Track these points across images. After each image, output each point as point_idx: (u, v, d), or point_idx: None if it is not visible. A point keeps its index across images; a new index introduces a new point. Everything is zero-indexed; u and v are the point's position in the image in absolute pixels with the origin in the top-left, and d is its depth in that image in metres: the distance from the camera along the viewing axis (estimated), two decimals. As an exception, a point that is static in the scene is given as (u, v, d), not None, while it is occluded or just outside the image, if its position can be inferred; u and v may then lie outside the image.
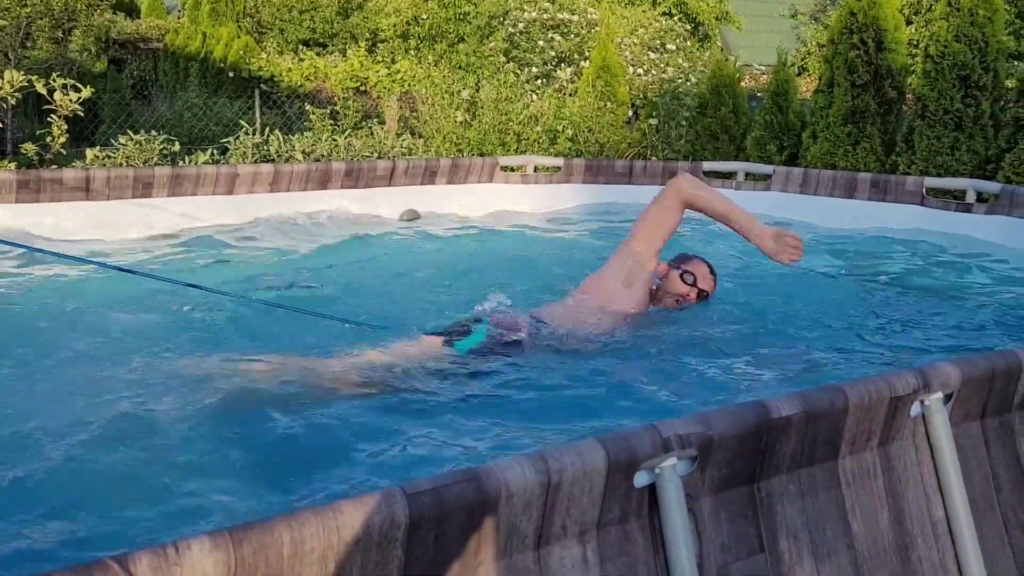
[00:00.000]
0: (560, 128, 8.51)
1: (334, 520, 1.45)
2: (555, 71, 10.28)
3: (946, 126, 6.55)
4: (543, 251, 5.30)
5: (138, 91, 13.66)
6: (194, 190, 5.56)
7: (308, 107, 9.25)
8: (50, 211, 4.93)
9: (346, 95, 11.46)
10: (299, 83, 13.21)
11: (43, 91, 6.47)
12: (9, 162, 6.65)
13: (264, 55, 13.56)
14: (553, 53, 10.53)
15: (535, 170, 7.30)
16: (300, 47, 14.65)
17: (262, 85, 12.32)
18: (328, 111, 9.16)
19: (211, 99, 11.82)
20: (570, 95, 9.67)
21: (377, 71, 12.65)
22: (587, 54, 10.37)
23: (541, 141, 8.49)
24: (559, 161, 7.30)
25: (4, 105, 6.57)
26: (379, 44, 13.53)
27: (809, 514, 1.86)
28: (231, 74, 12.97)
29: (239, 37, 13.67)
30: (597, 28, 10.77)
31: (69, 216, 5.02)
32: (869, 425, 1.90)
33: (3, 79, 6.47)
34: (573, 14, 10.92)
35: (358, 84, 13.00)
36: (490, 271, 4.62)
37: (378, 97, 12.42)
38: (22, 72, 6.66)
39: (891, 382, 1.90)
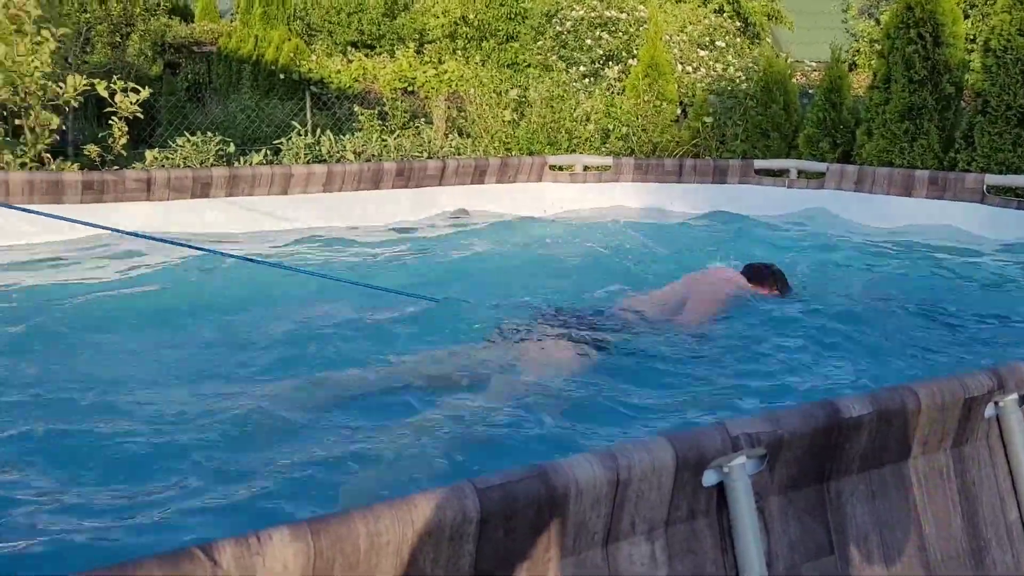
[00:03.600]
0: (612, 127, 8.49)
1: (408, 513, 1.47)
2: (603, 69, 10.25)
3: (1008, 122, 6.38)
4: (597, 249, 5.29)
5: (192, 94, 13.93)
6: (250, 190, 5.67)
7: (357, 108, 9.36)
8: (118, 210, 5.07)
9: (394, 96, 11.57)
10: (348, 84, 13.37)
11: (104, 94, 6.64)
12: (72, 163, 6.83)
13: (313, 57, 13.74)
14: (601, 51, 10.50)
15: (584, 169, 7.29)
16: (348, 49, 14.82)
17: (312, 87, 12.49)
18: (377, 112, 9.25)
19: (263, 101, 12.03)
20: (618, 93, 9.63)
21: (425, 71, 12.75)
22: (635, 52, 10.32)
23: (593, 140, 8.48)
24: (608, 160, 7.28)
25: (67, 108, 6.75)
26: (426, 45, 13.63)
27: (880, 515, 1.84)
28: (282, 76, 13.17)
29: (289, 40, 13.88)
30: (645, 26, 10.71)
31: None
32: (942, 426, 1.87)
33: (66, 83, 6.66)
34: (622, 12, 10.87)
35: (406, 85, 13.12)
36: (541, 269, 4.64)
37: (426, 97, 12.51)
38: (83, 76, 6.84)
39: (965, 383, 1.86)
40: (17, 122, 6.49)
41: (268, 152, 7.60)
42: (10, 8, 6.41)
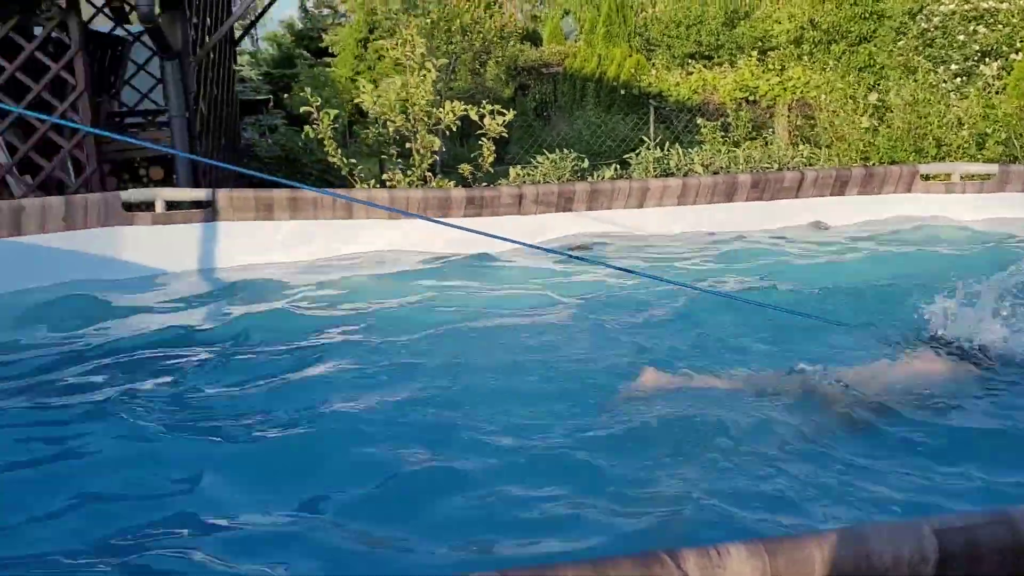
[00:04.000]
0: (990, 131, 7.60)
1: (863, 546, 1.42)
2: (978, 67, 9.21)
3: None
4: (982, 265, 4.76)
5: (538, 112, 14.85)
6: (608, 204, 5.89)
7: (699, 120, 9.33)
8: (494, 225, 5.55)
9: (736, 106, 11.37)
10: (687, 97, 13.41)
11: (475, 117, 7.30)
12: (448, 180, 7.60)
13: (653, 71, 13.98)
14: (976, 47, 9.44)
15: (961, 179, 6.59)
16: (687, 61, 14.86)
17: (651, 100, 12.70)
18: (719, 123, 9.16)
19: (605, 116, 12.47)
20: (996, 93, 8.60)
21: (768, 80, 12.39)
22: (1018, 46, 9.15)
23: (967, 147, 7.66)
24: (993, 168, 6.51)
25: (446, 132, 7.53)
26: (768, 52, 13.24)
27: None
28: (623, 92, 13.56)
29: (630, 56, 14.25)
30: (1032, 14, 9.45)
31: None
32: None
33: (443, 108, 7.43)
34: (1002, 2, 9.70)
35: (747, 94, 12.85)
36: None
37: (769, 107, 12.15)
38: (453, 102, 7.57)
39: None
40: (407, 145, 7.37)
41: (617, 166, 7.85)
42: (405, 46, 7.31)
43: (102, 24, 8.79)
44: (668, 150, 7.80)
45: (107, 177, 6.99)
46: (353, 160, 7.45)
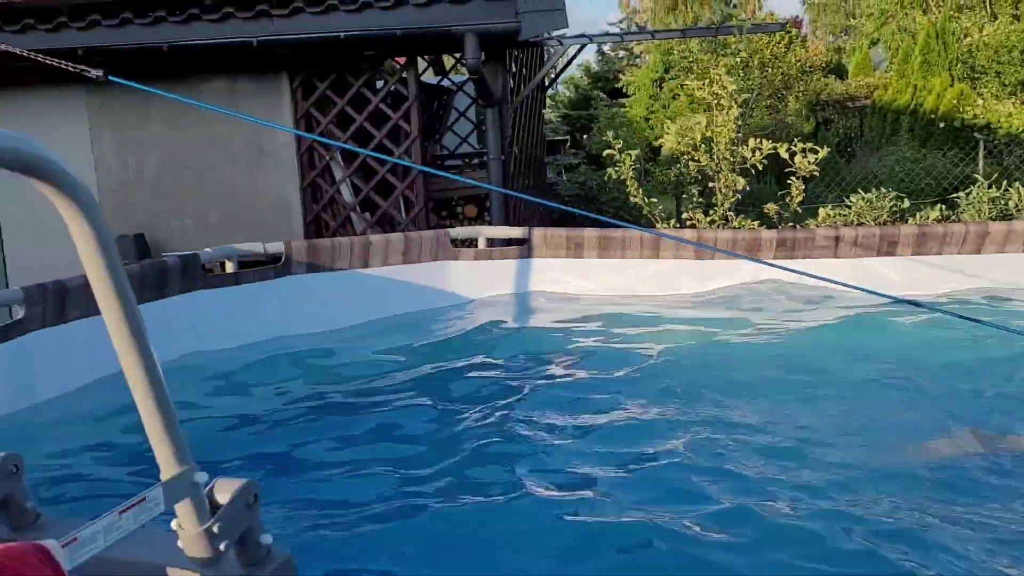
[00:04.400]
0: None
1: None
2: None
3: None
4: None
5: (840, 148, 14.05)
6: (939, 248, 5.40)
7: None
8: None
9: (1086, 138, 9.95)
10: (1021, 129, 11.99)
11: (785, 155, 7.05)
12: (752, 220, 7.40)
13: (980, 102, 12.67)
14: None
15: None
16: (1020, 89, 13.32)
17: (978, 133, 11.50)
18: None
19: (922, 151, 11.49)
20: None
21: None
22: None
23: None
24: None
25: (752, 170, 7.35)
26: None
27: None
28: (942, 124, 12.43)
29: (952, 86, 13.05)
30: None
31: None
32: None
33: (747, 146, 7.26)
34: None
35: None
36: None
37: None
38: (756, 139, 7.35)
39: None
40: (710, 184, 7.29)
41: (943, 207, 7.17)
42: (713, 85, 7.27)
43: (430, 76, 9.69)
44: (1007, 189, 6.99)
45: (429, 214, 7.66)
46: (654, 199, 7.52)
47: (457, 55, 9.01)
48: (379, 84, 7.74)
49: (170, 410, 1.17)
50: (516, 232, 5.64)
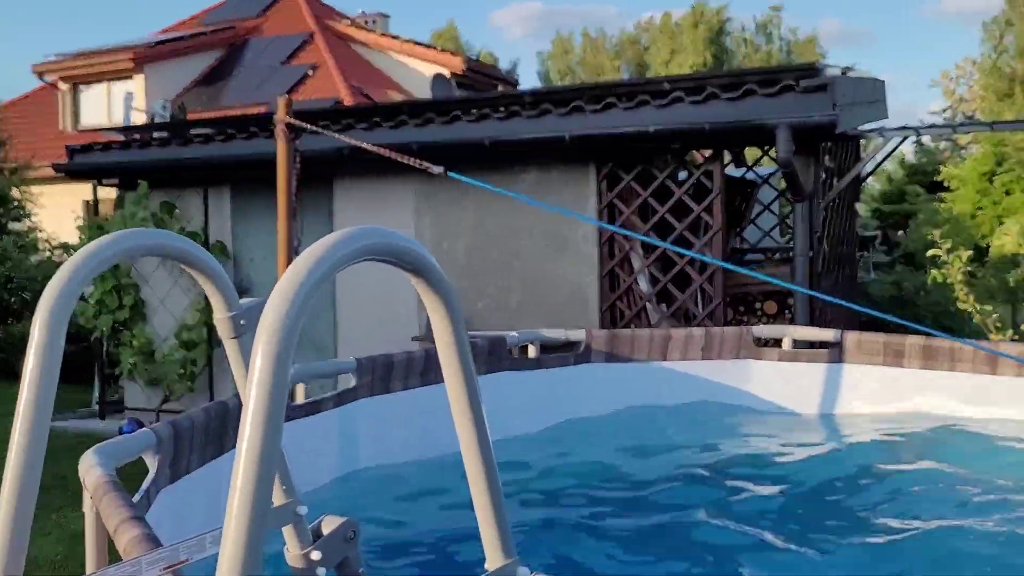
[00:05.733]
0: None
1: None
2: None
3: None
4: None
5: None
6: None
7: None
8: None
9: None
10: None
11: None
12: None
13: None
14: None
15: None
16: None
17: None
18: None
19: None
20: None
21: None
22: None
23: None
24: None
25: None
26: None
27: None
28: None
29: None
30: None
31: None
32: None
33: None
34: None
35: None
36: None
37: None
38: None
39: None
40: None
41: None
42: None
43: (733, 169, 9.55)
44: None
45: (727, 308, 7.42)
46: (988, 307, 6.68)
47: (765, 147, 8.80)
48: (682, 176, 7.74)
49: (500, 497, 1.17)
50: (826, 334, 5.23)
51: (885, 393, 4.95)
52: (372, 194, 7.97)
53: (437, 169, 4.02)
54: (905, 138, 7.94)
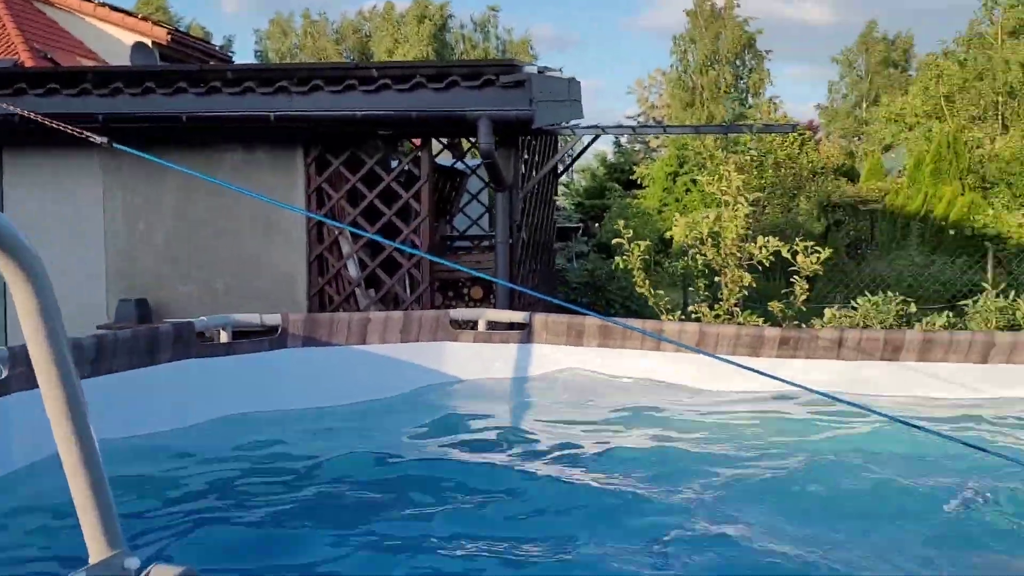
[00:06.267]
0: None
1: None
2: None
3: None
4: None
5: (851, 250, 14.08)
6: (943, 356, 5.31)
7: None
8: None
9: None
10: (1030, 239, 12.02)
11: (787, 254, 7.05)
12: (756, 316, 7.36)
13: (991, 211, 12.75)
14: None
15: None
16: (1031, 201, 13.42)
17: (988, 243, 11.52)
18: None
19: (930, 257, 11.51)
20: None
21: None
22: None
23: None
24: None
25: (759, 267, 7.34)
26: None
27: None
28: (952, 232, 12.48)
29: (962, 194, 13.15)
30: None
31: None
32: None
33: (755, 243, 7.26)
34: None
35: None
36: None
37: None
38: (764, 237, 7.35)
39: None
40: (716, 279, 7.28)
41: (950, 315, 7.12)
42: (721, 181, 7.34)
43: (444, 158, 9.84)
44: (1015, 299, 6.94)
45: (435, 293, 7.66)
46: (660, 292, 7.50)
47: (472, 139, 9.17)
48: (393, 164, 7.85)
49: (104, 489, 1.11)
50: (517, 316, 5.60)
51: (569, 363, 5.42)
52: (53, 169, 7.21)
53: (100, 139, 3.73)
54: (596, 136, 8.67)
